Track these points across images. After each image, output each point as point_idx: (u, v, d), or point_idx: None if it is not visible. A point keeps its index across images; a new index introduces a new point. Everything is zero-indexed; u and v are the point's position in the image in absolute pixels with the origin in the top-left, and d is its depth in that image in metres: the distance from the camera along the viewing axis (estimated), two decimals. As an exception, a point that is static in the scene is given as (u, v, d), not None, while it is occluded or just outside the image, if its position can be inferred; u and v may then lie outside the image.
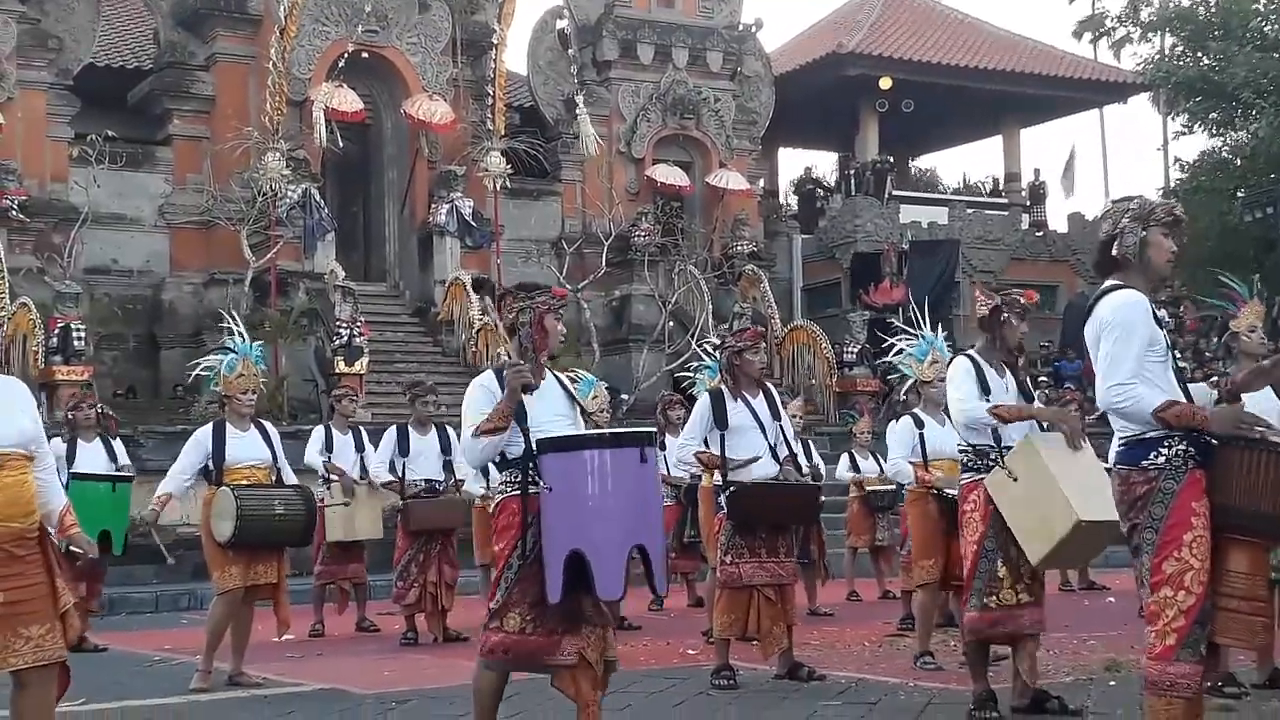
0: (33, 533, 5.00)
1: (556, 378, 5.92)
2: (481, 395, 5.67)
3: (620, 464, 5.35)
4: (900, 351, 8.59)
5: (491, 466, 5.77)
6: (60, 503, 5.32)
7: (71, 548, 5.43)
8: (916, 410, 8.68)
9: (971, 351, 6.66)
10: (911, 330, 8.53)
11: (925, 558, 7.93)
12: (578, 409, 5.91)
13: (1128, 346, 4.63)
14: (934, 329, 8.57)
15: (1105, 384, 4.63)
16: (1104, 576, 13.61)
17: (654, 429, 6.66)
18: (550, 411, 5.68)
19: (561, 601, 5.30)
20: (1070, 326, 26.56)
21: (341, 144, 20.84)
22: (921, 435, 8.45)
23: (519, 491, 5.50)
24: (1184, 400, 4.65)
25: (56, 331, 17.53)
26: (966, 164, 79.85)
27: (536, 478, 5.42)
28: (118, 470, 10.65)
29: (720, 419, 7.75)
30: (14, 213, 19.22)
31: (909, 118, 29.76)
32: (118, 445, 10.94)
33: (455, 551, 10.58)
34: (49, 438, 5.43)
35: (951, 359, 6.97)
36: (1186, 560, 4.57)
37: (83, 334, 17.80)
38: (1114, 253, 4.80)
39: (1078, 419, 6.46)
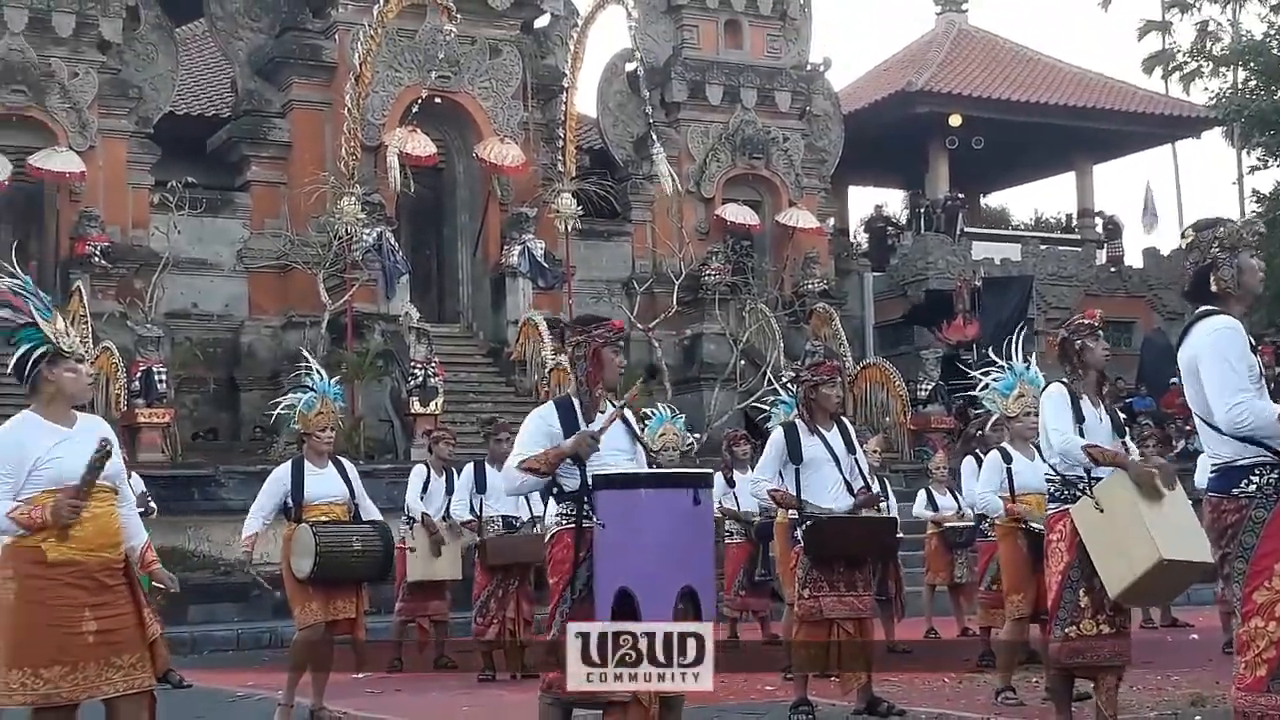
0: (120, 563, 5.11)
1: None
2: (536, 428, 5.75)
3: (673, 504, 5.38)
4: (986, 387, 8.55)
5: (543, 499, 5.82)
6: (142, 539, 5.44)
7: (154, 583, 5.53)
8: (1005, 445, 8.63)
9: (1065, 380, 6.63)
10: (999, 364, 8.49)
11: (1015, 592, 7.91)
12: (638, 444, 5.92)
13: (1232, 368, 4.59)
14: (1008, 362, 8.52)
15: (1223, 406, 4.56)
16: (1187, 614, 13.42)
17: (708, 471, 6.65)
18: (609, 446, 5.71)
19: None
20: (1148, 362, 26.27)
21: (415, 188, 21.08)
22: (1009, 470, 8.42)
23: (573, 525, 5.56)
24: None
25: (139, 375, 17.81)
26: (1039, 201, 79.26)
27: (591, 513, 5.46)
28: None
29: (795, 453, 7.72)
30: (97, 259, 19.56)
31: (979, 155, 29.67)
32: (135, 481, 11.00)
33: (533, 587, 10.61)
34: None
35: (1044, 388, 6.94)
36: (1278, 590, 4.52)
37: (164, 377, 18.07)
38: (1212, 286, 4.78)
39: (1169, 469, 6.38)
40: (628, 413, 6.02)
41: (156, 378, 17.91)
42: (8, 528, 4.95)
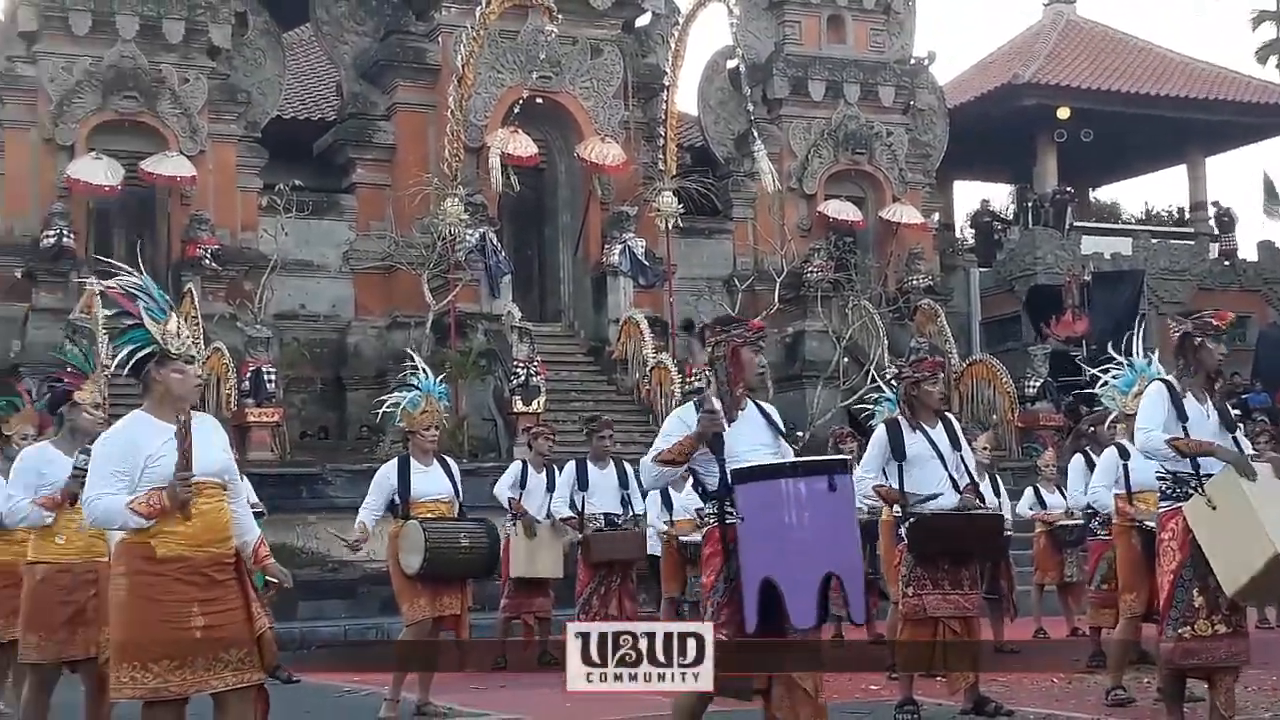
0: (229, 558, 5.18)
1: (759, 407, 5.96)
2: (675, 425, 5.81)
3: (810, 492, 5.37)
4: (1105, 384, 8.40)
5: (676, 497, 5.85)
6: (254, 535, 5.51)
7: (267, 578, 5.60)
8: (1123, 441, 8.46)
9: (1170, 378, 6.48)
10: (1117, 360, 8.33)
11: (1129, 591, 7.79)
12: (781, 438, 5.93)
13: None
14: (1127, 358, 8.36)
15: None
16: (1305, 614, 13.08)
17: (845, 457, 6.62)
18: (750, 442, 5.74)
19: (768, 629, 5.31)
20: (1263, 357, 25.67)
21: (517, 188, 21.21)
22: (1126, 467, 8.24)
23: (719, 522, 5.57)
24: None
25: (248, 375, 18.11)
26: (1149, 194, 77.78)
27: (732, 508, 5.46)
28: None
29: (898, 450, 7.64)
30: (207, 261, 19.91)
31: (1088, 147, 29.16)
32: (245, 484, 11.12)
33: (635, 585, 10.62)
34: None
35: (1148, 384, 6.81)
36: None
37: (273, 377, 18.35)
38: None
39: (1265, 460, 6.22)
40: (769, 407, 6.04)
41: (266, 378, 18.20)
42: (128, 520, 4.97)
